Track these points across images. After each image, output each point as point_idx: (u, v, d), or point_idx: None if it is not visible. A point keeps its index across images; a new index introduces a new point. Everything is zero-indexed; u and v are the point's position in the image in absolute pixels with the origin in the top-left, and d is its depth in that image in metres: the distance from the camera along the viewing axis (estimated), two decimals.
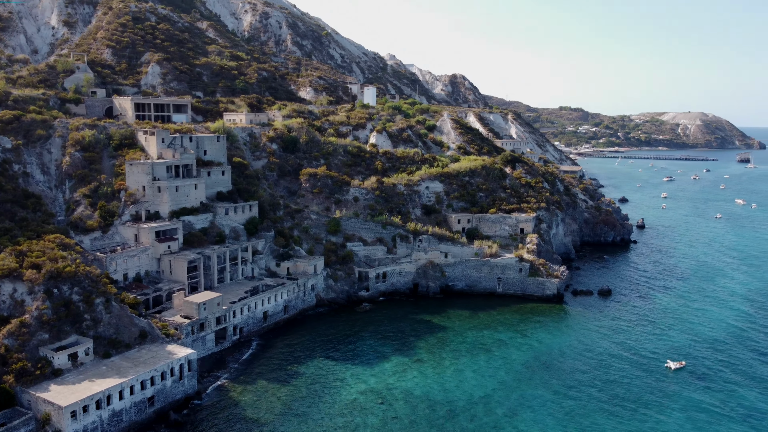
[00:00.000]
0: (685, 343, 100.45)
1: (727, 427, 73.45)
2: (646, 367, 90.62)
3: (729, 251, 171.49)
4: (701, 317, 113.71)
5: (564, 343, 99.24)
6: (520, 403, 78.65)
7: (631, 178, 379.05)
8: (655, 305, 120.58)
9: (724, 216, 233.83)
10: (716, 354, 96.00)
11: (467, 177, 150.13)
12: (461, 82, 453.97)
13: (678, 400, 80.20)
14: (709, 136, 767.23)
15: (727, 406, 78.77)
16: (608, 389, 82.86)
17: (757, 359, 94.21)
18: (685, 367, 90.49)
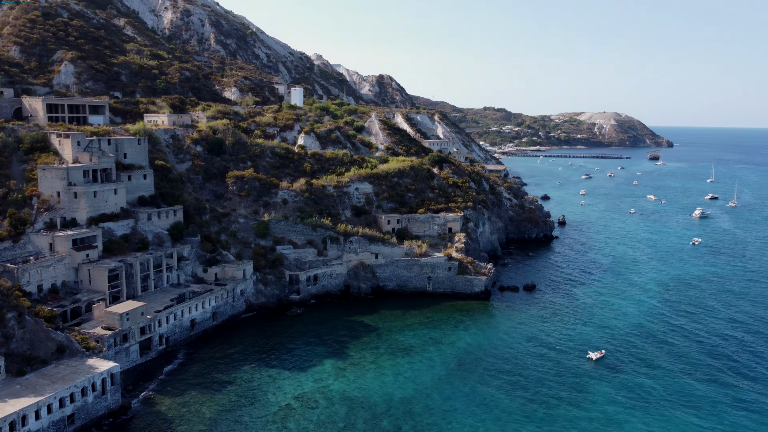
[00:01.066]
0: (604, 333, 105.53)
1: (645, 411, 77.66)
2: (570, 358, 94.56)
3: (642, 245, 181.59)
4: (619, 308, 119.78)
5: (493, 339, 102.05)
6: (452, 400, 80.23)
7: (552, 176, 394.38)
8: (577, 298, 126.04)
9: (637, 211, 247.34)
10: (633, 343, 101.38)
11: (396, 178, 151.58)
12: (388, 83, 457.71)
13: (599, 387, 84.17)
14: (622, 135, 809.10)
15: (645, 391, 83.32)
16: (536, 381, 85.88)
17: (668, 346, 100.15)
18: (605, 356, 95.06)
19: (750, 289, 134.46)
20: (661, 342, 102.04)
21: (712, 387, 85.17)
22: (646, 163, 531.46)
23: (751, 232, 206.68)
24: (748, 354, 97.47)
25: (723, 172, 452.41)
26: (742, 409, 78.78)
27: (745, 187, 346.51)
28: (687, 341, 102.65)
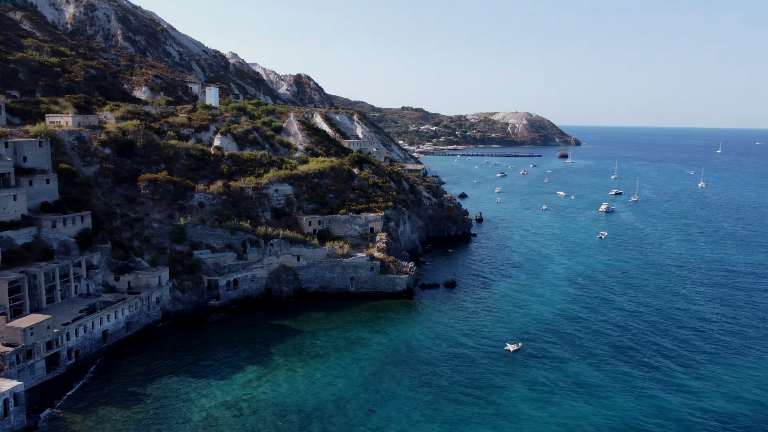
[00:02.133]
0: (521, 325, 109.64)
1: (560, 398, 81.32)
2: (489, 351, 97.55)
3: (554, 239, 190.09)
4: (534, 301, 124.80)
5: (415, 337, 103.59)
6: (379, 399, 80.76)
7: (469, 175, 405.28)
8: (495, 292, 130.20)
9: (548, 207, 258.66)
10: (548, 333, 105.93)
11: (316, 178, 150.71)
12: (306, 82, 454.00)
13: (517, 378, 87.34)
14: (534, 134, 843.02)
15: (560, 379, 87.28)
16: (458, 376, 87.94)
17: (582, 335, 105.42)
18: (522, 348, 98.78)
19: (649, 281, 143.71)
20: (572, 332, 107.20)
21: (624, 368, 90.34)
22: (556, 161, 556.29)
23: (651, 225, 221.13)
24: (658, 335, 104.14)
25: (625, 168, 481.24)
26: (638, 395, 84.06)
27: (645, 183, 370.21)
28: (594, 331, 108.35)
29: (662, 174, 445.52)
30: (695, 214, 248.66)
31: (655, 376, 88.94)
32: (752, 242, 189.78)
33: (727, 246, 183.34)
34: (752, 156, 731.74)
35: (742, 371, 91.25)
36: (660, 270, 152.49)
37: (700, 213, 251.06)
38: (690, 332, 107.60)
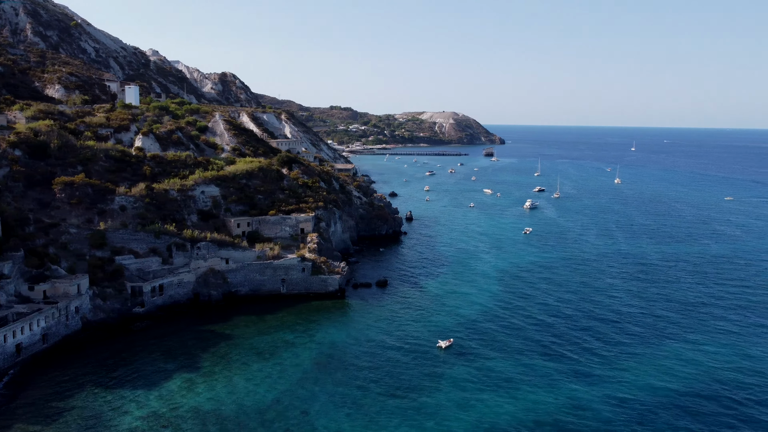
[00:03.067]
0: (451, 322, 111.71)
1: (488, 394, 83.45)
2: (421, 348, 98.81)
3: (482, 236, 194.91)
4: (464, 297, 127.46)
5: (348, 336, 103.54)
6: (312, 401, 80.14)
7: (399, 174, 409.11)
8: (426, 290, 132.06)
9: (476, 205, 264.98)
10: (477, 329, 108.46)
11: (245, 179, 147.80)
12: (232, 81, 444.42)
13: (449, 374, 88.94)
14: (460, 133, 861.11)
15: (487, 375, 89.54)
16: (391, 375, 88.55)
17: (509, 330, 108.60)
18: (453, 344, 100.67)
19: (571, 274, 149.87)
20: (499, 327, 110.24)
21: (548, 363, 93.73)
22: (483, 160, 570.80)
23: (572, 220, 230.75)
24: (580, 329, 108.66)
25: (548, 166, 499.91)
26: (571, 380, 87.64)
27: (566, 180, 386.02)
28: (520, 325, 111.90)
29: (581, 171, 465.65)
30: (612, 209, 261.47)
31: (575, 368, 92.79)
32: (664, 235, 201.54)
33: (641, 239, 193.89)
34: (662, 153, 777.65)
35: (656, 360, 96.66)
36: (580, 263, 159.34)
37: (617, 208, 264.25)
38: (608, 324, 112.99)
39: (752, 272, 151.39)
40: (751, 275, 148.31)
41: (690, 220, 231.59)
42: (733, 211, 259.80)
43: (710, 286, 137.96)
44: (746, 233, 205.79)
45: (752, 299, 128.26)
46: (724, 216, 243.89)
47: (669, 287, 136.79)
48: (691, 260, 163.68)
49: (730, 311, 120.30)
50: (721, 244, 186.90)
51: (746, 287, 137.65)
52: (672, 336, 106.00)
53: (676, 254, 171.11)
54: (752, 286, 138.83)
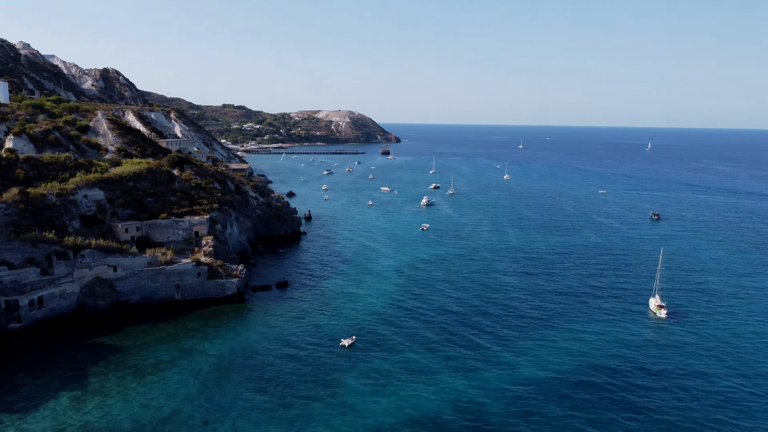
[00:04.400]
0: (354, 320, 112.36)
1: (396, 386, 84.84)
2: (325, 348, 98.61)
3: (380, 233, 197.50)
4: (364, 294, 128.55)
5: (249, 341, 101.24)
6: (213, 410, 77.60)
7: (296, 173, 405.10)
8: (327, 289, 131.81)
9: (374, 203, 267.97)
10: (379, 325, 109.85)
11: (132, 182, 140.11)
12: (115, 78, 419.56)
13: (353, 372, 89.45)
14: (357, 132, 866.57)
15: (394, 367, 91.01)
16: (294, 376, 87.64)
17: (411, 323, 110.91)
18: (356, 341, 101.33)
19: (467, 267, 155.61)
20: (402, 321, 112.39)
21: (455, 350, 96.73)
22: (379, 158, 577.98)
23: (466, 215, 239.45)
24: (479, 317, 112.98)
25: (442, 163, 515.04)
26: (468, 371, 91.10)
27: (460, 177, 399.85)
28: (421, 318, 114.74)
29: (473, 168, 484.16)
30: (502, 204, 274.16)
31: (473, 359, 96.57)
32: (550, 227, 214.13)
33: (530, 231, 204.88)
34: (546, 150, 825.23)
35: (545, 347, 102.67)
36: (475, 257, 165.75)
37: (507, 203, 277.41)
38: (501, 315, 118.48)
39: (626, 261, 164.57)
40: (624, 264, 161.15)
41: (572, 213, 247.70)
42: (608, 203, 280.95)
43: (591, 275, 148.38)
44: (621, 223, 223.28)
45: (626, 287, 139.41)
46: (601, 208, 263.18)
47: (555, 277, 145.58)
48: (574, 251, 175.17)
49: (608, 299, 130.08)
50: (600, 234, 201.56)
51: (621, 275, 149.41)
52: (561, 320, 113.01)
53: (561, 245, 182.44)
54: (626, 275, 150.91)
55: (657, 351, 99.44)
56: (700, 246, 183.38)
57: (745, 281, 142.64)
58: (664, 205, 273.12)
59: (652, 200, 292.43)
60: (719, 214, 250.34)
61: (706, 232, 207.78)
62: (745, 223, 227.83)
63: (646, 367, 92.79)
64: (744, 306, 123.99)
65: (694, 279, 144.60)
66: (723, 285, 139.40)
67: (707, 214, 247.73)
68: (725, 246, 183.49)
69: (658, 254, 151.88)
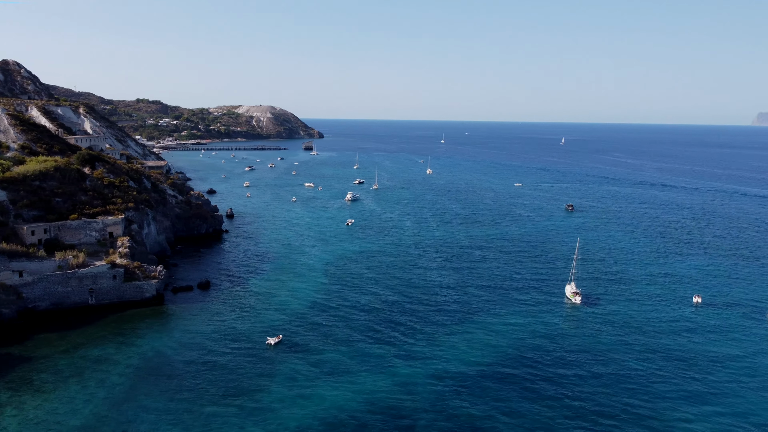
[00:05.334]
0: (280, 318, 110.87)
1: (322, 383, 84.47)
2: (251, 348, 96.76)
3: (305, 230, 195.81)
4: (290, 293, 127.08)
5: (170, 344, 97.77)
6: (132, 418, 74.40)
7: (216, 170, 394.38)
8: (252, 288, 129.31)
9: (298, 199, 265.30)
10: (305, 323, 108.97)
11: (38, 181, 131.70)
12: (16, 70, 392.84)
13: (281, 370, 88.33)
14: (279, 128, 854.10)
15: (319, 367, 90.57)
16: (218, 378, 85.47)
17: (336, 321, 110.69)
18: (282, 340, 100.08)
19: (392, 262, 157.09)
20: (327, 319, 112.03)
21: (380, 347, 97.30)
22: (302, 153, 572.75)
23: (391, 210, 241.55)
24: (404, 313, 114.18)
25: (366, 159, 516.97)
26: (398, 362, 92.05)
27: (383, 172, 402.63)
28: (347, 315, 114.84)
29: (397, 163, 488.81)
30: (426, 198, 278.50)
31: (401, 350, 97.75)
32: (472, 220, 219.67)
33: (453, 224, 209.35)
34: (467, 145, 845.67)
35: (471, 335, 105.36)
36: (400, 251, 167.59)
37: (430, 197, 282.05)
38: (427, 306, 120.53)
39: (544, 251, 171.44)
40: (542, 253, 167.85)
41: (492, 206, 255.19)
42: (525, 195, 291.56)
43: (511, 265, 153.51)
44: (538, 215, 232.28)
45: (544, 276, 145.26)
46: (519, 200, 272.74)
47: (477, 269, 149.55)
48: (495, 242, 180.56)
49: (527, 288, 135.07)
50: (518, 226, 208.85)
51: (539, 264, 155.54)
52: (483, 312, 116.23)
53: (483, 237, 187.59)
54: (543, 264, 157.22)
55: (573, 338, 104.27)
56: (611, 235, 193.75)
57: (653, 268, 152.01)
58: (577, 197, 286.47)
59: (566, 192, 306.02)
60: (628, 204, 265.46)
61: (616, 221, 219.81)
62: (651, 212, 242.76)
63: (562, 355, 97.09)
64: (652, 291, 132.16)
65: (606, 266, 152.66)
66: (632, 271, 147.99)
67: (617, 205, 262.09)
68: (633, 235, 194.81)
69: (573, 244, 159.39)
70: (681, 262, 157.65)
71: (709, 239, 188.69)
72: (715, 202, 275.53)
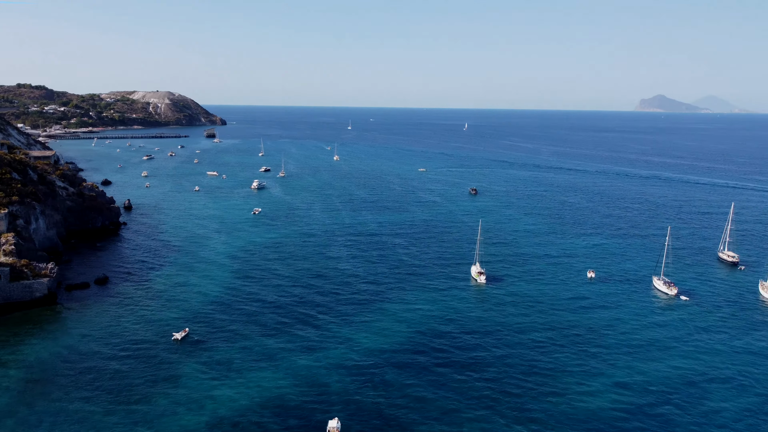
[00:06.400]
0: (185, 313, 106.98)
1: (230, 380, 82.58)
2: (151, 347, 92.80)
3: (210, 220, 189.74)
4: (196, 285, 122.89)
5: (66, 345, 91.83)
6: (32, 424, 69.32)
7: (111, 159, 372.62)
8: (154, 282, 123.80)
9: (201, 189, 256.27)
10: (214, 315, 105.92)
11: None
12: None
13: (186, 368, 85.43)
14: (178, 114, 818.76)
15: (231, 358, 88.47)
16: (123, 377, 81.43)
17: (247, 311, 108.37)
18: (189, 334, 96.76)
19: (302, 249, 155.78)
20: (237, 309, 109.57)
21: (289, 341, 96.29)
22: (204, 141, 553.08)
23: (299, 197, 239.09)
24: (312, 304, 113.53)
25: (271, 146, 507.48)
26: (308, 352, 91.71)
27: (290, 159, 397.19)
28: (258, 304, 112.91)
29: (303, 150, 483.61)
30: (334, 184, 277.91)
31: (315, 334, 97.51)
32: (380, 206, 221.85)
33: (361, 211, 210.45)
34: (374, 131, 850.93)
35: (383, 317, 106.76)
36: (309, 239, 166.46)
37: (338, 183, 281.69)
38: (340, 290, 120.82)
39: (450, 233, 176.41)
40: (448, 236, 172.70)
41: (399, 191, 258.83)
42: (431, 180, 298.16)
43: (419, 249, 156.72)
44: (444, 199, 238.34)
45: (450, 258, 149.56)
46: (425, 185, 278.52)
47: (387, 253, 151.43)
48: (403, 227, 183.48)
49: (435, 270, 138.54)
50: (425, 210, 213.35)
51: (445, 247, 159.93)
52: (392, 299, 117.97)
53: (391, 223, 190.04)
54: (450, 246, 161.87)
55: (479, 318, 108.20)
56: (512, 217, 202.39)
57: (551, 247, 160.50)
58: (480, 181, 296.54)
59: (470, 177, 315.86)
60: (527, 187, 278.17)
61: (517, 204, 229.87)
62: (547, 194, 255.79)
63: (469, 336, 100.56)
64: (551, 268, 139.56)
65: (508, 247, 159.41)
66: (532, 251, 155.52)
67: (517, 188, 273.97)
68: (533, 216, 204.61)
69: (476, 226, 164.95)
70: (576, 241, 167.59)
71: (600, 218, 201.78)
72: (605, 183, 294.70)
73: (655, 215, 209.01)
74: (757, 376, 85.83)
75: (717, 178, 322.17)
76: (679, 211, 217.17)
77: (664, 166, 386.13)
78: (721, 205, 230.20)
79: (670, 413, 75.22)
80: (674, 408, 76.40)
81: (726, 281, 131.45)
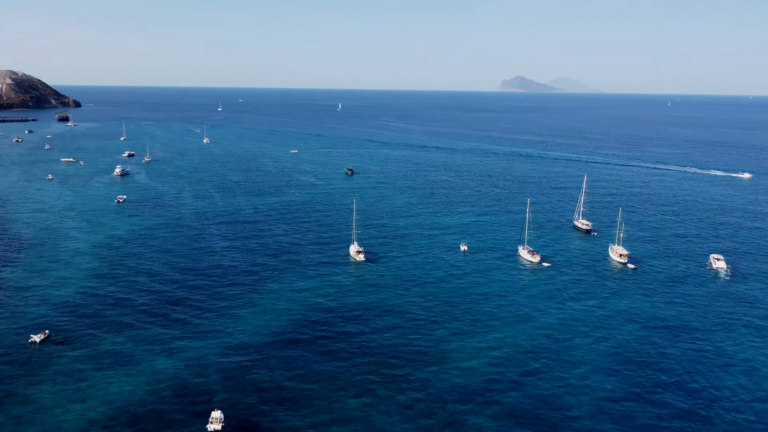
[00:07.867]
0: (45, 311, 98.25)
1: (103, 375, 77.17)
2: (7, 352, 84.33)
3: (67, 211, 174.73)
4: (52, 284, 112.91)
5: None
6: None
7: None
8: (4, 282, 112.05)
9: (55, 177, 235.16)
10: (75, 314, 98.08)
11: None
12: None
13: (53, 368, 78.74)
14: (23, 96, 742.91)
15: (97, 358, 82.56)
16: None
17: (112, 307, 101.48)
18: (50, 336, 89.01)
19: (174, 238, 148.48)
20: (107, 303, 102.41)
21: (165, 330, 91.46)
22: (56, 125, 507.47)
23: (167, 183, 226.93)
24: (189, 291, 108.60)
25: (134, 129, 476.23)
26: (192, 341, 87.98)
27: (156, 143, 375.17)
28: (125, 300, 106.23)
29: (170, 133, 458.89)
30: (205, 168, 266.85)
31: (190, 329, 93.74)
32: (255, 189, 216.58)
33: (235, 195, 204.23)
34: (245, 113, 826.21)
35: (262, 304, 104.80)
36: (181, 225, 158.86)
37: (209, 167, 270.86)
38: (215, 281, 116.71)
39: (327, 214, 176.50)
40: (325, 217, 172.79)
41: (274, 173, 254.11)
42: (306, 161, 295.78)
43: (298, 231, 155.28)
44: (320, 180, 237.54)
45: (329, 239, 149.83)
46: (300, 167, 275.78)
47: (265, 238, 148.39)
48: (280, 210, 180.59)
49: (314, 252, 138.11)
50: (302, 192, 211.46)
51: (324, 228, 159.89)
52: (272, 281, 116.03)
53: (267, 206, 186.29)
54: (328, 227, 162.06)
55: (359, 295, 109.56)
56: (388, 195, 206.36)
57: (425, 223, 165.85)
58: (355, 161, 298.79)
59: (345, 157, 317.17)
60: (400, 166, 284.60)
61: (391, 182, 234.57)
62: (420, 173, 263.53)
63: (351, 313, 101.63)
64: (426, 243, 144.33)
65: (385, 225, 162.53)
66: (408, 227, 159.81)
67: (391, 167, 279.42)
68: (407, 194, 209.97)
69: (353, 206, 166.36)
70: (448, 216, 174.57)
71: (470, 194, 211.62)
72: (473, 161, 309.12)
73: (519, 189, 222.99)
74: (610, 330, 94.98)
75: (572, 153, 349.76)
76: (539, 185, 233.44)
77: (525, 144, 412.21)
78: (575, 178, 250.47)
79: (541, 369, 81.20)
80: (542, 366, 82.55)
81: (581, 247, 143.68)
